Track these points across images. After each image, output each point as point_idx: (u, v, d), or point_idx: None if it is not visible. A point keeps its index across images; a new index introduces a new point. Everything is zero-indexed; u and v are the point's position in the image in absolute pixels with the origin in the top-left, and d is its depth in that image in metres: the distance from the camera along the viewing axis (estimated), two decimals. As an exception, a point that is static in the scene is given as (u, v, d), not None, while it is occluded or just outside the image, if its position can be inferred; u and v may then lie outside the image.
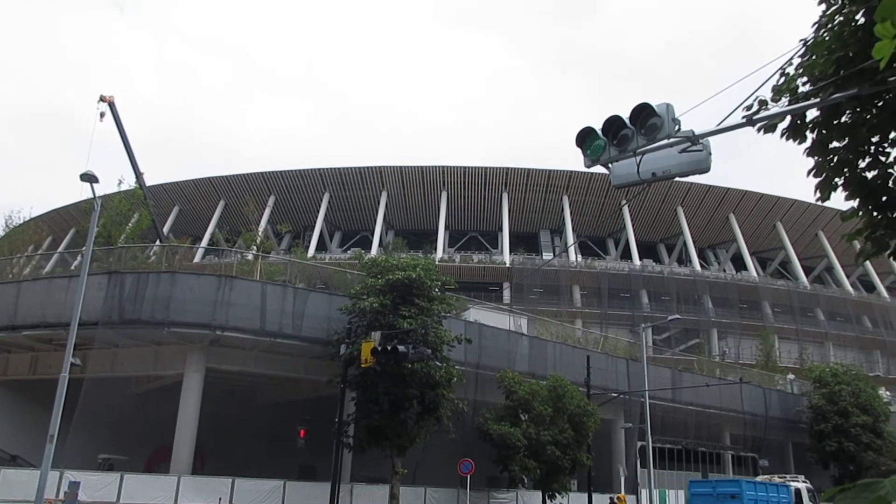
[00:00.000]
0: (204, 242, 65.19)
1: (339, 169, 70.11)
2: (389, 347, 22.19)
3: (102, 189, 24.43)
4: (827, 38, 7.19)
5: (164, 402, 28.35)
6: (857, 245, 8.44)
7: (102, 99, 47.77)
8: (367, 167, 69.90)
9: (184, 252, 39.95)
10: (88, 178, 20.12)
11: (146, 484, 24.39)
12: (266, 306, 26.84)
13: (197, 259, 50.60)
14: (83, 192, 72.63)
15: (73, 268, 33.23)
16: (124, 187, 43.81)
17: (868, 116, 7.36)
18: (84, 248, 22.63)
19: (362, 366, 23.39)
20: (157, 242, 44.60)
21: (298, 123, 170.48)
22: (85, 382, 27.51)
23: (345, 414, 25.36)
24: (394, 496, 25.92)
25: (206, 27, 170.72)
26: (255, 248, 39.32)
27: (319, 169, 70.30)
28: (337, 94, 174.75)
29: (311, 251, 64.14)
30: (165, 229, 60.43)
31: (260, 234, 49.91)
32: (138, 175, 49.14)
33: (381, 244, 66.82)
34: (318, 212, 69.74)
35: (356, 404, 26.09)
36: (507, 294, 62.09)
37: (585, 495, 31.53)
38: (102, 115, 47.49)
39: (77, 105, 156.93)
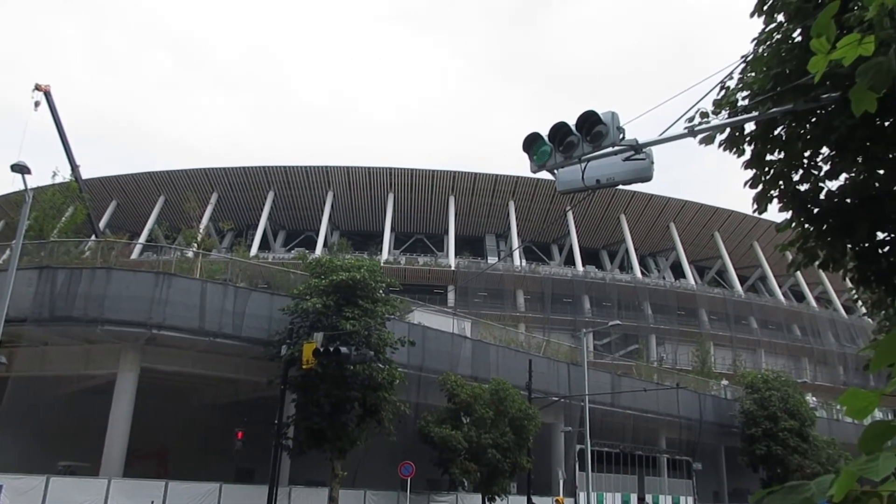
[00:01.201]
0: (142, 239, 63.38)
1: (284, 167, 69.14)
2: (332, 349, 21.98)
3: (35, 181, 23.55)
4: (765, 55, 7.43)
5: (96, 403, 27.43)
6: (790, 256, 8.73)
7: (38, 88, 45.93)
8: (314, 166, 69.14)
9: (120, 248, 38.74)
10: (20, 168, 19.33)
11: (75, 487, 23.50)
12: (206, 305, 26.25)
13: (134, 256, 49.11)
14: (14, 183, 69.81)
15: (0, 262, 31.86)
16: (59, 180, 42.18)
17: (802, 131, 7.62)
18: (13, 242, 21.71)
19: (303, 367, 23.10)
20: (93, 237, 43.11)
21: (244, 120, 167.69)
22: (10, 381, 26.40)
23: (284, 416, 24.98)
24: (333, 499, 25.66)
25: (148, 18, 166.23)
26: (195, 245, 38.41)
27: (264, 167, 69.19)
28: (283, 91, 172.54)
29: (254, 250, 63.04)
30: (102, 224, 58.47)
31: (201, 231, 48.86)
32: (74, 167, 47.42)
33: (325, 244, 66.15)
34: (261, 210, 68.61)
35: (296, 406, 25.76)
36: (451, 297, 62.23)
37: (524, 498, 31.80)
38: (37, 104, 45.68)
39: (10, 94, 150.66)
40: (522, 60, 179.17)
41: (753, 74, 7.53)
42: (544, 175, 8.86)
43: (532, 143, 8.28)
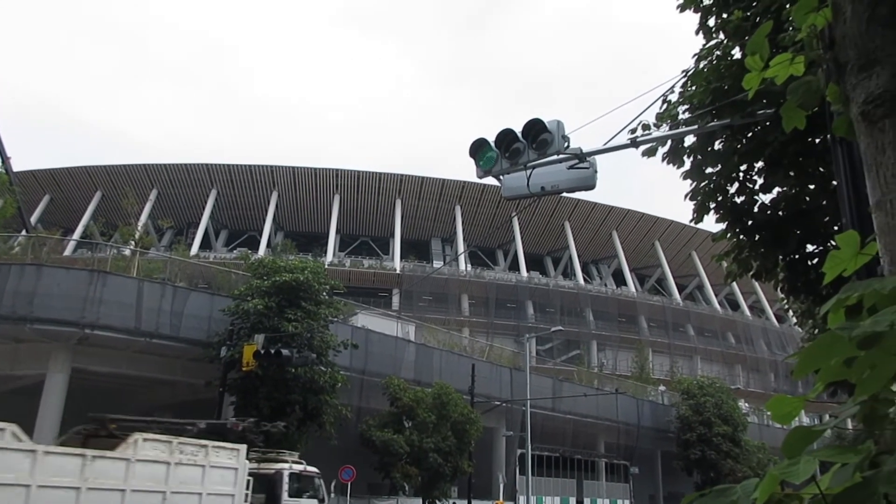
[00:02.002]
0: (76, 235, 61.15)
1: (228, 165, 67.84)
2: (273, 351, 21.65)
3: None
4: (705, 71, 7.66)
5: (24, 405, 26.31)
6: (725, 266, 9.01)
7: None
8: (259, 165, 68.05)
9: (53, 244, 37.31)
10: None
11: (-3, 493, 22.49)
12: (142, 305, 25.50)
13: (67, 252, 47.47)
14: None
15: (-78, 256, 30.35)
16: (-12, 172, 40.34)
17: (738, 146, 7.88)
18: (-64, 235, 20.70)
19: (243, 369, 22.68)
20: (23, 232, 41.41)
21: (190, 116, 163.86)
22: (-70, 381, 25.15)
23: (223, 419, 24.44)
24: None
25: (96, 10, 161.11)
26: (133, 243, 37.29)
27: (207, 164, 67.74)
28: (232, 89, 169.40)
29: (195, 249, 61.62)
30: (33, 219, 56.22)
31: (139, 228, 47.35)
32: (4, 159, 45.42)
33: (269, 245, 65.14)
34: (203, 208, 67.14)
35: (235, 409, 25.21)
36: (396, 300, 62.09)
37: (465, 502, 31.89)
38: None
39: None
40: (472, 66, 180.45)
41: (694, 89, 7.76)
42: (490, 181, 8.95)
43: (478, 149, 8.34)
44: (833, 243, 7.25)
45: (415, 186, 69.64)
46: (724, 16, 7.38)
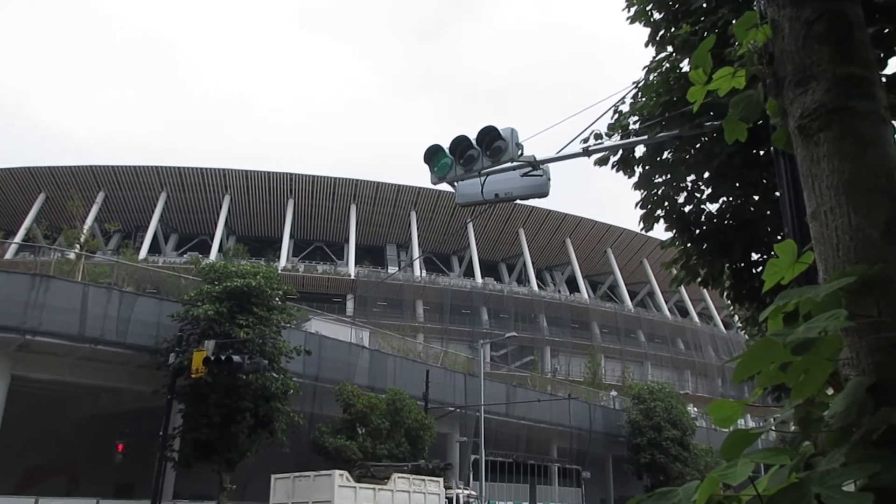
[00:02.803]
0: (18, 238, 59.05)
1: (178, 168, 66.46)
2: (223, 357, 21.29)
3: None
4: (655, 83, 7.83)
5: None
6: (674, 272, 9.21)
7: None
8: (210, 168, 66.83)
9: (-7, 247, 36.02)
10: None
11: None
12: (87, 310, 24.76)
13: (9, 255, 45.79)
14: None
15: None
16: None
17: (687, 156, 8.07)
18: None
19: (193, 376, 22.22)
20: (-39, 234, 39.88)
21: (139, 117, 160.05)
22: None
23: (170, 427, 23.90)
24: (220, 514, 24.75)
25: (33, 4, 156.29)
26: (78, 246, 36.22)
27: (156, 166, 66.24)
28: (184, 90, 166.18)
29: (143, 253, 60.11)
30: (-28, 220, 54.18)
31: (85, 231, 46.05)
32: (-58, 158, 43.78)
33: (220, 249, 63.93)
34: (152, 212, 65.61)
35: (183, 417, 24.69)
36: (350, 306, 61.64)
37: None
38: None
39: None
40: (428, 73, 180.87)
41: (644, 100, 7.92)
42: (445, 187, 8.97)
43: (433, 155, 8.36)
44: (775, 253, 7.47)
45: (370, 192, 69.36)
46: (673, 30, 7.55)
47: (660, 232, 9.07)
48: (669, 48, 7.83)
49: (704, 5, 7.12)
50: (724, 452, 1.48)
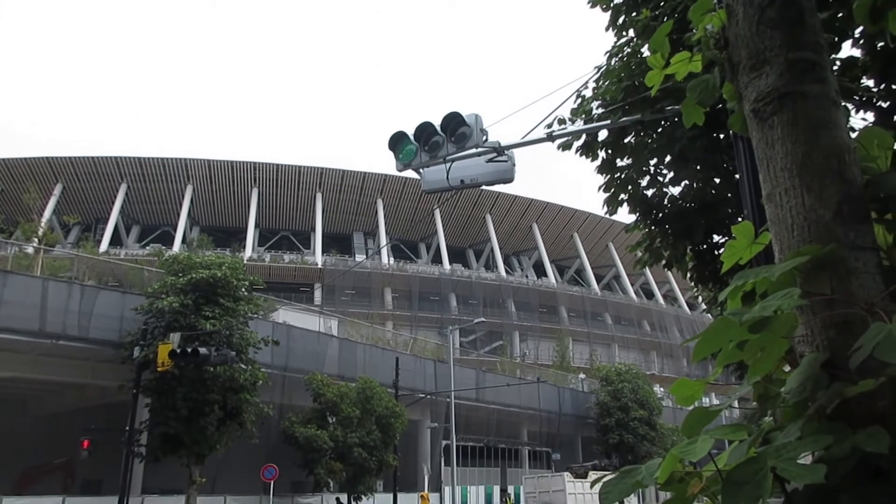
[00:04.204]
0: (-27, 232, 57.48)
1: (139, 158, 65.15)
2: (189, 350, 21.04)
3: None
4: (616, 67, 7.90)
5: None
6: (639, 255, 9.34)
7: None
8: (171, 158, 65.64)
9: (-54, 242, 34.95)
10: None
11: None
12: (47, 305, 24.19)
13: (-37, 250, 44.53)
14: None
15: None
16: None
17: (649, 140, 8.17)
18: None
19: (158, 370, 21.94)
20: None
21: (93, 107, 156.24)
22: None
23: (137, 421, 23.56)
24: (190, 507, 24.54)
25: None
26: (36, 240, 35.36)
27: (116, 157, 64.83)
28: (142, 77, 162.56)
29: (104, 246, 58.96)
30: (-76, 215, 52.47)
31: (43, 224, 44.93)
32: None
33: (184, 241, 62.94)
34: (113, 203, 64.27)
35: (150, 411, 24.36)
36: (318, 295, 61.28)
37: (391, 496, 31.93)
38: None
39: None
40: (390, 57, 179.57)
41: (606, 85, 7.98)
42: (411, 174, 8.95)
43: (398, 142, 8.33)
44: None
45: (335, 180, 68.85)
46: (634, 14, 7.61)
47: (624, 215, 9.18)
48: (630, 33, 7.89)
49: (664, -10, 7.19)
50: (684, 430, 1.52)
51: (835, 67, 5.93)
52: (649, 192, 8.51)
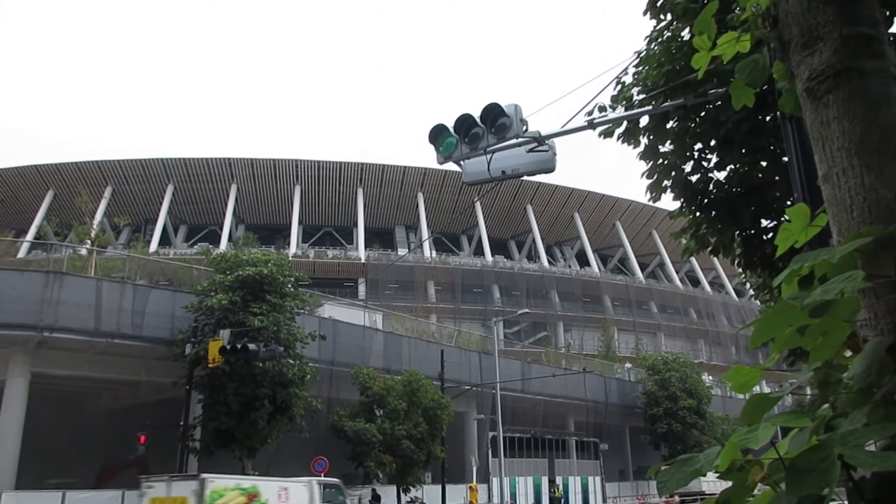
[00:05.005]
0: (29, 236, 59.43)
1: (184, 159, 66.54)
2: (239, 346, 21.46)
3: None
4: (657, 52, 7.76)
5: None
6: (683, 242, 9.19)
7: None
8: (216, 158, 66.89)
9: (5, 246, 36.35)
10: None
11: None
12: (102, 305, 24.94)
13: (21, 254, 46.14)
14: None
15: None
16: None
17: (692, 125, 8.01)
18: None
19: (210, 366, 22.43)
20: (-26, 236, 40.19)
21: (141, 110, 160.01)
22: None
23: (191, 417, 24.19)
24: (243, 500, 25.07)
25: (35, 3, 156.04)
26: (89, 242, 36.46)
27: (162, 159, 66.33)
28: (184, 79, 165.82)
29: (154, 246, 60.46)
30: (-17, 221, 54.56)
31: (95, 227, 46.28)
32: (-50, 161, 43.97)
33: (230, 239, 64.16)
34: (160, 204, 65.82)
35: (203, 406, 24.96)
36: (362, 290, 61.86)
37: (439, 487, 32.11)
38: None
39: None
40: (427, 51, 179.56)
41: (646, 70, 7.85)
42: (452, 167, 8.96)
43: (438, 135, 8.34)
44: (786, 218, 7.44)
45: (376, 174, 69.28)
46: (673, -3, 7.46)
47: (668, 202, 9.02)
48: (668, 16, 7.74)
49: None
50: (743, 417, 1.49)
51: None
52: (694, 178, 8.35)
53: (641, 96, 8.09)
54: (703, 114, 7.81)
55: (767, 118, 7.17)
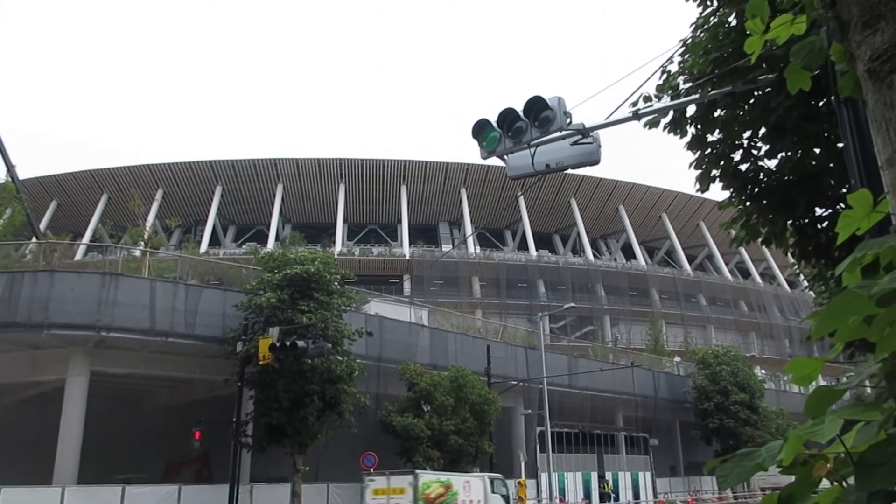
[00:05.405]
0: (85, 239, 61.46)
1: (231, 161, 67.89)
2: (288, 343, 21.78)
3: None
4: (703, 39, 7.60)
5: (45, 410, 26.67)
6: (733, 233, 8.98)
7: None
8: (262, 159, 68.09)
9: (63, 249, 37.60)
10: (-48, 171, 18.57)
11: (27, 496, 22.76)
12: (156, 304, 25.63)
13: (78, 257, 47.78)
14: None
15: (-64, 268, 30.62)
16: (-6, 181, 40.57)
17: (741, 113, 7.82)
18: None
19: (260, 363, 22.84)
20: (34, 240, 41.67)
21: (185, 114, 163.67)
22: (-47, 392, 25.45)
23: (243, 413, 24.68)
24: (295, 494, 25.50)
25: (89, 15, 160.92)
26: (142, 243, 37.47)
27: (210, 161, 67.81)
28: (226, 83, 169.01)
29: (204, 246, 61.88)
30: (42, 225, 56.49)
31: (147, 229, 47.53)
32: (10, 167, 45.53)
33: (277, 238, 65.28)
34: (210, 205, 67.32)
35: (254, 403, 25.45)
36: (407, 286, 62.21)
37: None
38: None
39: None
40: (468, 45, 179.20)
41: (693, 58, 7.70)
42: (495, 161, 8.92)
43: (481, 130, 8.32)
44: (842, 205, 7.21)
45: (419, 171, 69.56)
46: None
47: (716, 192, 8.84)
48: (714, 2, 7.58)
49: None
50: (807, 410, 1.44)
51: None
52: (743, 167, 8.15)
53: (688, 85, 7.94)
54: (752, 101, 7.63)
55: (820, 103, 6.96)
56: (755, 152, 8.07)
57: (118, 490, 24.01)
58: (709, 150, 8.21)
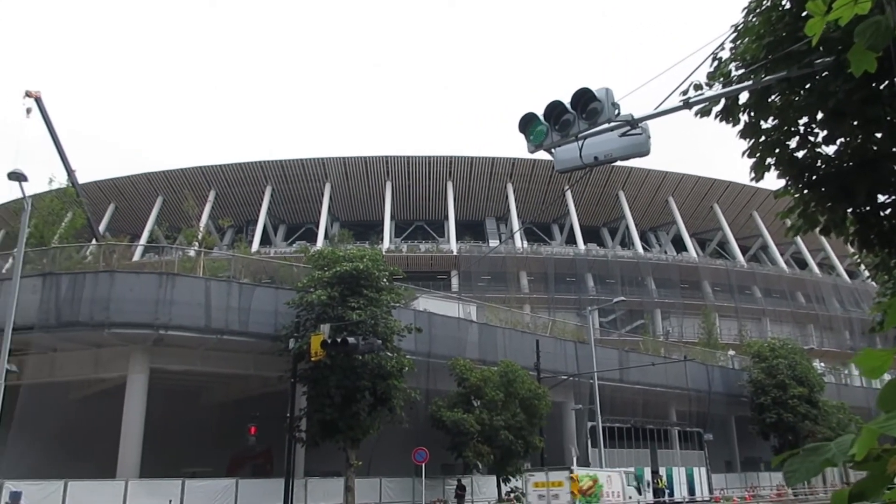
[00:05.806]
0: (142, 240, 63.37)
1: (280, 161, 69.02)
2: (339, 340, 22.06)
3: (32, 188, 23.55)
4: (756, 24, 7.40)
5: (108, 406, 27.60)
6: (789, 223, 8.73)
7: (28, 94, 45.69)
8: (310, 159, 69.03)
9: (122, 251, 38.77)
10: (17, 176, 19.32)
11: (92, 490, 23.66)
12: (211, 303, 26.31)
13: (136, 257, 49.23)
14: (12, 191, 69.61)
15: (3, 271, 31.86)
16: (55, 186, 42.14)
17: (796, 98, 7.59)
18: (15, 251, 21.76)
19: (312, 359, 23.19)
20: (93, 242, 43.13)
21: (236, 116, 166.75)
22: (22, 389, 26.52)
23: (296, 409, 25.11)
24: (349, 489, 25.85)
25: (145, 19, 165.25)
26: (196, 244, 38.43)
27: (260, 161, 69.06)
28: (274, 85, 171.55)
29: (255, 245, 63.08)
30: (101, 228, 58.46)
31: (201, 229, 48.79)
32: (70, 172, 47.28)
33: (326, 236, 66.15)
34: (260, 205, 68.59)
35: (307, 398, 25.88)
36: (455, 282, 62.32)
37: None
38: (29, 111, 45.48)
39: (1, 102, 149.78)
40: (513, 37, 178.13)
41: (745, 44, 7.51)
42: (541, 155, 8.85)
43: (528, 124, 8.26)
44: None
45: (465, 167, 69.54)
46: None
47: (771, 181, 8.59)
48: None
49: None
50: (881, 404, 1.40)
51: None
52: (800, 154, 7.91)
53: (740, 71, 7.74)
54: (808, 86, 7.39)
55: (882, 85, 6.71)
56: (812, 139, 7.83)
57: (179, 483, 24.74)
58: (763, 137, 7.99)
